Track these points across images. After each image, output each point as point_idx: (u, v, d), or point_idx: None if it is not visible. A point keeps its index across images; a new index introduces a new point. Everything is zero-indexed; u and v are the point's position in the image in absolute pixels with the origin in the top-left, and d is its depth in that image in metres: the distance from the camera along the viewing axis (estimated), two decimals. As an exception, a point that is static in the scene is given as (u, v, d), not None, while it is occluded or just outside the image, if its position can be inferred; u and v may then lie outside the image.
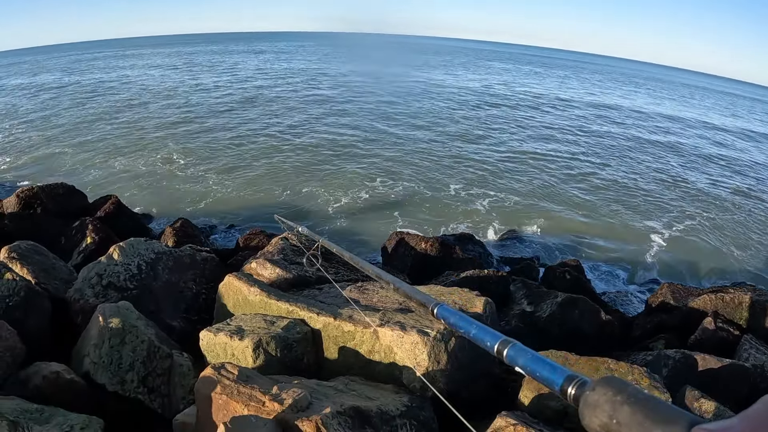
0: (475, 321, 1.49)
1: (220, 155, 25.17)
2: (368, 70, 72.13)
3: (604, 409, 0.81)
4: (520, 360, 1.21)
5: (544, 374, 1.11)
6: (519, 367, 1.21)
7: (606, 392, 0.83)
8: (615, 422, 0.78)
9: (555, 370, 1.08)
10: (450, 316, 1.63)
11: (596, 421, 0.82)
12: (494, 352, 1.30)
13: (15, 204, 12.39)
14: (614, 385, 0.83)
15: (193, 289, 7.48)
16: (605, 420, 0.80)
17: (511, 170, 24.41)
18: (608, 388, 0.83)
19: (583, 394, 0.88)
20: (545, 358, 1.16)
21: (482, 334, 1.39)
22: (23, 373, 4.91)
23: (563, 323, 8.23)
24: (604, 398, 0.82)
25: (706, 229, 19.33)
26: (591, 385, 0.89)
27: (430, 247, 11.42)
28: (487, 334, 1.38)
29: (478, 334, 1.41)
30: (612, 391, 0.82)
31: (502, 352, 1.27)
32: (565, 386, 1.01)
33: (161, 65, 79.16)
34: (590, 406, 0.84)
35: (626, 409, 0.77)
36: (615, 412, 0.79)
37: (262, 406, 3.65)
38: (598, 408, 0.82)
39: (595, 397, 0.84)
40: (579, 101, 54.00)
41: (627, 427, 0.77)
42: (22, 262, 6.98)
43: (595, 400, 0.83)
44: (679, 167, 28.21)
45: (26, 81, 63.06)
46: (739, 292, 9.03)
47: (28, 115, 36.92)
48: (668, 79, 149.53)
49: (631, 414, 0.76)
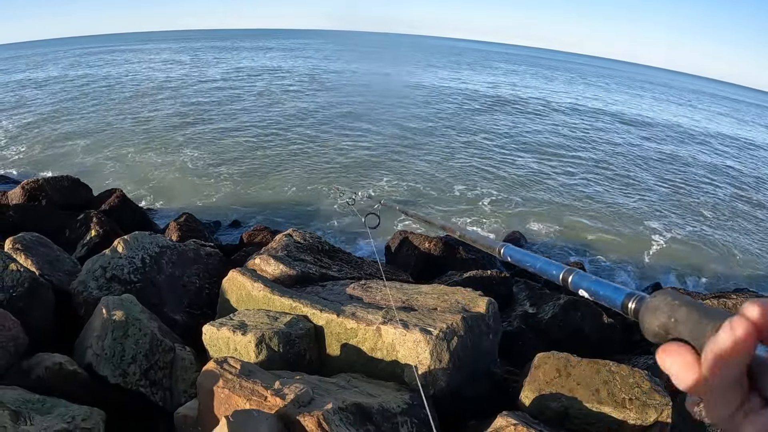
0: (540, 256, 1.60)
1: (225, 151, 25.16)
2: (374, 69, 72.17)
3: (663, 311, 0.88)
4: (583, 283, 1.29)
5: (606, 293, 1.17)
6: (583, 289, 1.29)
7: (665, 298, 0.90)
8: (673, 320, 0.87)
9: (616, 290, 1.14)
10: (516, 253, 1.73)
11: (655, 322, 0.89)
12: (560, 280, 1.40)
13: (20, 195, 12.42)
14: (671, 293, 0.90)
15: (197, 283, 7.48)
16: (664, 320, 0.88)
17: (516, 172, 24.36)
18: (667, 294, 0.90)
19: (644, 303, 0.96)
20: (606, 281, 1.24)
21: (547, 267, 1.50)
22: (26, 363, 4.93)
23: (565, 325, 8.23)
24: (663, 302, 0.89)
25: (709, 234, 19.29)
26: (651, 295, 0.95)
27: (434, 247, 11.42)
28: (551, 266, 1.49)
29: (544, 266, 1.53)
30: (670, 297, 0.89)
31: (568, 279, 1.36)
32: (626, 301, 1.07)
33: (169, 60, 79.17)
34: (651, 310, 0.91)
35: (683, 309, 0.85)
36: (673, 312, 0.86)
37: (264, 401, 3.66)
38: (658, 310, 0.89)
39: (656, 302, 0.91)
40: (585, 105, 53.84)
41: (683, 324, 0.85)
42: (26, 254, 7.00)
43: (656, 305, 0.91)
44: (684, 172, 28.11)
45: (34, 74, 63.16)
46: (741, 298, 9.01)
47: (36, 108, 36.97)
48: (674, 84, 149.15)
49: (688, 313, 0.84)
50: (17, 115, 34.56)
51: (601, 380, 4.96)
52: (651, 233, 18.76)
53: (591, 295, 1.25)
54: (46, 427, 3.95)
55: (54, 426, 4.00)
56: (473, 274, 9.39)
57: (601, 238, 17.78)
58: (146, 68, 66.39)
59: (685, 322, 0.85)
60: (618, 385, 4.91)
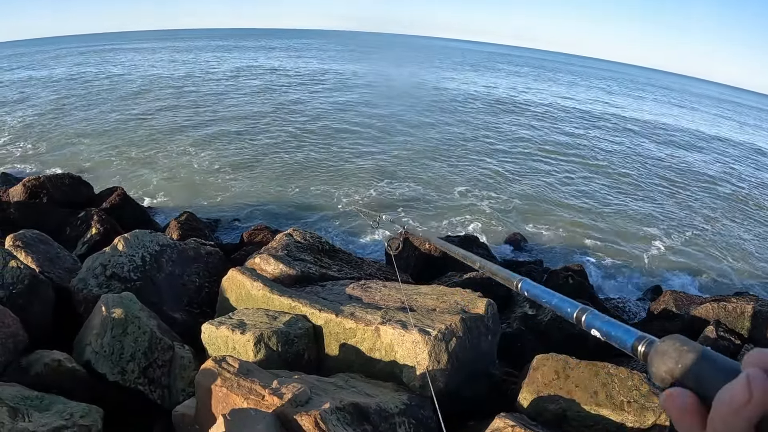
0: (556, 293, 1.61)
1: (226, 150, 25.17)
2: (380, 69, 72.25)
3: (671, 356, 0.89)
4: (596, 323, 1.32)
5: (618, 334, 1.20)
6: (595, 329, 1.32)
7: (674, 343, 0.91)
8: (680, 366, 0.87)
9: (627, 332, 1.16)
10: (532, 288, 1.75)
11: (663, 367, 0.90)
12: (573, 319, 1.42)
13: (21, 193, 12.43)
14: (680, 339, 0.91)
15: (197, 282, 7.49)
16: (671, 365, 0.88)
17: (517, 174, 24.35)
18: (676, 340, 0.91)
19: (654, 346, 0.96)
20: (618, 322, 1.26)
21: (563, 304, 1.53)
22: (25, 360, 4.94)
23: (564, 327, 8.22)
24: (672, 347, 0.90)
25: (710, 237, 19.28)
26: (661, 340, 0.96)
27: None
28: (567, 304, 1.52)
29: (559, 303, 1.55)
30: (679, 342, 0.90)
31: (581, 318, 1.38)
32: (636, 344, 1.09)
33: (172, 59, 79.21)
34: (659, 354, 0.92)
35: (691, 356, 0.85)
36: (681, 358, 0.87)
37: (261, 400, 3.66)
38: (666, 355, 0.90)
39: (665, 347, 0.92)
40: (586, 107, 53.88)
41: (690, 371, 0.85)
42: (26, 251, 7.00)
43: (664, 349, 0.91)
44: (686, 175, 28.10)
45: (38, 71, 63.23)
46: (741, 302, 9.02)
47: (38, 105, 37.02)
48: (675, 87, 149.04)
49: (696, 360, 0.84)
50: (20, 111, 34.63)
51: (599, 382, 4.96)
52: (652, 235, 18.76)
53: (603, 336, 1.27)
54: (44, 424, 3.96)
55: (52, 423, 4.01)
56: (473, 275, 9.38)
57: (602, 239, 17.76)
58: (149, 67, 66.43)
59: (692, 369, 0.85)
60: (617, 388, 4.91)
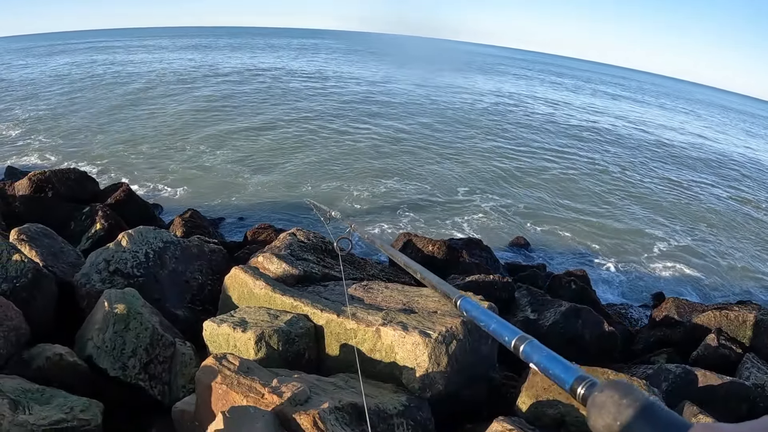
0: (495, 315, 1.54)
1: (233, 149, 25.22)
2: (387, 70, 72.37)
3: (609, 411, 0.83)
4: (534, 356, 1.26)
5: (556, 372, 1.14)
6: (533, 363, 1.25)
7: (613, 395, 0.85)
8: (618, 424, 0.81)
9: (567, 370, 1.11)
10: (472, 309, 1.68)
11: (600, 422, 0.84)
12: (511, 347, 1.35)
13: (27, 187, 12.47)
14: (621, 388, 0.85)
15: (199, 279, 7.51)
16: (609, 421, 0.83)
17: (523, 178, 24.35)
18: (615, 390, 0.85)
19: (592, 394, 0.91)
20: (559, 357, 1.20)
21: (501, 329, 1.44)
22: (27, 353, 4.96)
23: (565, 332, 8.22)
24: (610, 400, 0.84)
25: (715, 245, 19.24)
26: (599, 386, 0.91)
27: (437, 250, 11.43)
28: (505, 329, 1.42)
29: (498, 328, 1.46)
30: (618, 394, 0.84)
31: (519, 347, 1.31)
32: (575, 386, 1.03)
33: (183, 56, 79.41)
34: (597, 407, 0.86)
35: (630, 413, 0.80)
36: (619, 414, 0.81)
37: (261, 398, 3.68)
38: (604, 409, 0.84)
39: (602, 398, 0.86)
40: (592, 112, 53.84)
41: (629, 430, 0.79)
42: (30, 245, 7.03)
43: (602, 401, 0.86)
44: (691, 183, 28.07)
45: (49, 65, 63.50)
46: (743, 311, 9.01)
47: (48, 99, 37.21)
48: (679, 94, 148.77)
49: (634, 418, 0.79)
50: (28, 105, 34.82)
51: (599, 388, 4.96)
52: (656, 241, 18.75)
53: (541, 371, 1.22)
54: (44, 417, 3.98)
55: (52, 416, 4.03)
56: (475, 278, 9.40)
57: (606, 245, 17.76)
58: (160, 63, 66.57)
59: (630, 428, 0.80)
60: (616, 394, 4.90)
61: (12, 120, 30.36)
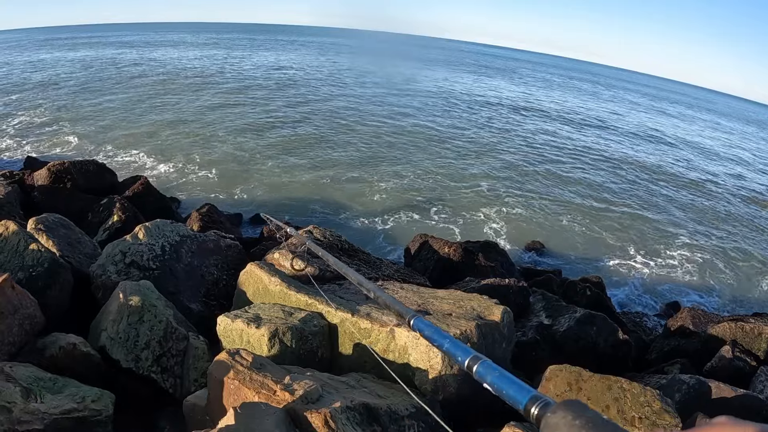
0: (449, 336, 1.52)
1: (251, 145, 25.32)
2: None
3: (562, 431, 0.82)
4: (488, 377, 1.23)
5: (510, 393, 1.12)
6: (487, 384, 1.22)
7: (565, 416, 0.83)
8: None
9: (521, 390, 1.09)
10: (425, 328, 1.68)
11: None
12: (465, 367, 1.32)
13: (46, 177, 12.58)
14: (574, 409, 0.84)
15: (215, 274, 7.52)
16: None
17: (543, 183, 24.22)
18: (568, 412, 0.84)
19: (545, 415, 0.90)
20: (512, 377, 1.18)
21: (454, 349, 1.42)
22: (41, 342, 4.98)
23: (579, 339, 8.15)
24: (563, 421, 0.83)
25: (732, 255, 19.02)
26: (552, 407, 0.90)
27: (453, 252, 11.38)
28: (458, 349, 1.40)
29: (450, 348, 1.45)
30: (571, 416, 0.83)
31: (472, 367, 1.28)
32: (529, 406, 1.02)
33: (203, 51, 79.96)
34: (550, 428, 0.85)
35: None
36: None
37: (272, 395, 3.66)
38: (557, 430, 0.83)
39: (555, 420, 0.85)
40: (613, 119, 53.55)
41: None
42: (48, 234, 7.08)
43: (555, 423, 0.84)
44: (710, 192, 27.78)
45: (74, 57, 64.03)
46: (759, 323, 8.89)
47: (69, 90, 37.58)
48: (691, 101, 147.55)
49: None
50: (51, 96, 35.14)
51: (611, 397, 4.92)
52: (674, 249, 18.60)
53: (494, 391, 1.19)
54: (56, 406, 3.99)
55: (63, 405, 4.04)
56: (490, 281, 9.34)
57: (622, 250, 17.66)
58: (184, 58, 67.15)
59: None
60: (628, 403, 4.86)
61: (34, 110, 30.70)
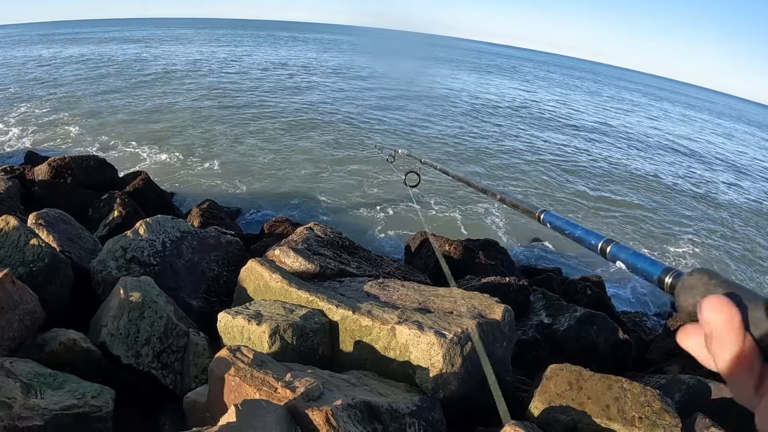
0: (579, 225, 1.57)
1: (253, 141, 25.31)
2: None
3: (699, 290, 0.88)
4: (621, 255, 1.29)
5: (644, 266, 1.18)
6: (620, 261, 1.29)
7: (702, 277, 0.90)
8: None
9: (654, 264, 1.15)
10: (556, 220, 1.72)
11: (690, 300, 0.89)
12: (598, 250, 1.40)
13: (46, 172, 12.56)
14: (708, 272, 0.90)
15: (215, 270, 7.51)
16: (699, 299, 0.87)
17: (542, 182, 24.21)
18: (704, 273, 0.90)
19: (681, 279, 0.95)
20: (645, 255, 1.23)
21: (586, 235, 1.50)
22: (41, 337, 4.97)
23: (579, 338, 8.15)
24: (700, 281, 0.89)
25: (733, 255, 19.04)
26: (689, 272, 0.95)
27: (454, 250, 11.38)
28: (591, 235, 1.48)
29: (582, 234, 1.52)
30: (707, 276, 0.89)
31: (606, 249, 1.36)
32: (663, 276, 1.07)
33: (207, 47, 79.90)
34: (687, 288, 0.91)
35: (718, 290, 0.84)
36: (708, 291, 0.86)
37: (274, 392, 3.66)
38: (694, 289, 0.89)
39: (692, 281, 0.91)
40: (618, 118, 53.55)
41: None
42: (48, 229, 7.06)
43: (692, 283, 0.91)
44: (711, 191, 27.80)
45: (74, 52, 63.93)
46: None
47: (71, 86, 37.56)
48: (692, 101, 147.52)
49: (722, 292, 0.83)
50: (51, 91, 35.09)
51: (612, 396, 4.92)
52: (675, 247, 18.64)
53: (628, 267, 1.25)
54: (56, 402, 3.98)
55: (63, 401, 4.03)
56: (491, 280, 9.34)
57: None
58: (184, 53, 67.10)
59: None
60: (629, 403, 4.86)
61: (34, 105, 30.64)
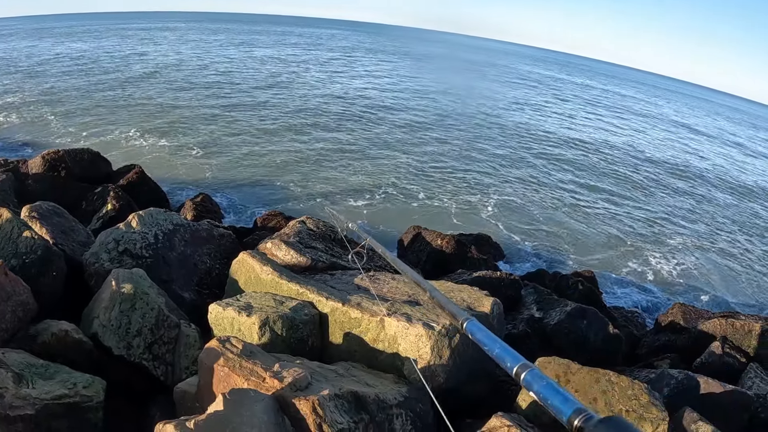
0: (500, 341, 1.54)
1: (248, 135, 25.30)
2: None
3: None
4: (535, 386, 1.26)
5: (555, 403, 1.15)
6: (533, 392, 1.26)
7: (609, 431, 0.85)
8: None
9: (566, 401, 1.12)
10: (477, 332, 1.68)
11: None
12: (512, 374, 1.36)
13: (40, 165, 12.57)
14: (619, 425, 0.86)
15: (207, 263, 7.55)
16: None
17: (536, 180, 24.24)
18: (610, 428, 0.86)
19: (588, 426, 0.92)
20: (559, 388, 1.21)
21: (504, 355, 1.44)
22: (33, 328, 5.01)
23: (570, 332, 8.20)
24: None
25: (725, 253, 19.11)
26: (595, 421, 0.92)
27: (446, 244, 11.43)
28: (508, 356, 1.43)
29: (501, 353, 1.47)
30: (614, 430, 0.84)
31: (520, 375, 1.32)
32: (572, 418, 1.04)
33: (208, 41, 79.62)
34: None
35: None
36: None
37: (262, 382, 3.70)
38: None
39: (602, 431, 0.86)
40: (615, 116, 53.59)
41: None
42: (41, 222, 7.09)
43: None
44: (704, 190, 27.87)
45: (65, 46, 63.66)
46: (749, 320, 8.94)
47: (64, 79, 37.37)
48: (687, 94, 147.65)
49: None
50: (44, 84, 34.90)
51: (599, 389, 4.96)
52: (666, 246, 18.67)
53: (540, 400, 1.22)
54: (47, 392, 4.02)
55: (55, 391, 4.07)
56: (482, 274, 9.39)
57: (614, 246, 17.71)
58: (181, 47, 66.87)
59: None
60: (616, 396, 4.90)
61: (26, 98, 30.48)
